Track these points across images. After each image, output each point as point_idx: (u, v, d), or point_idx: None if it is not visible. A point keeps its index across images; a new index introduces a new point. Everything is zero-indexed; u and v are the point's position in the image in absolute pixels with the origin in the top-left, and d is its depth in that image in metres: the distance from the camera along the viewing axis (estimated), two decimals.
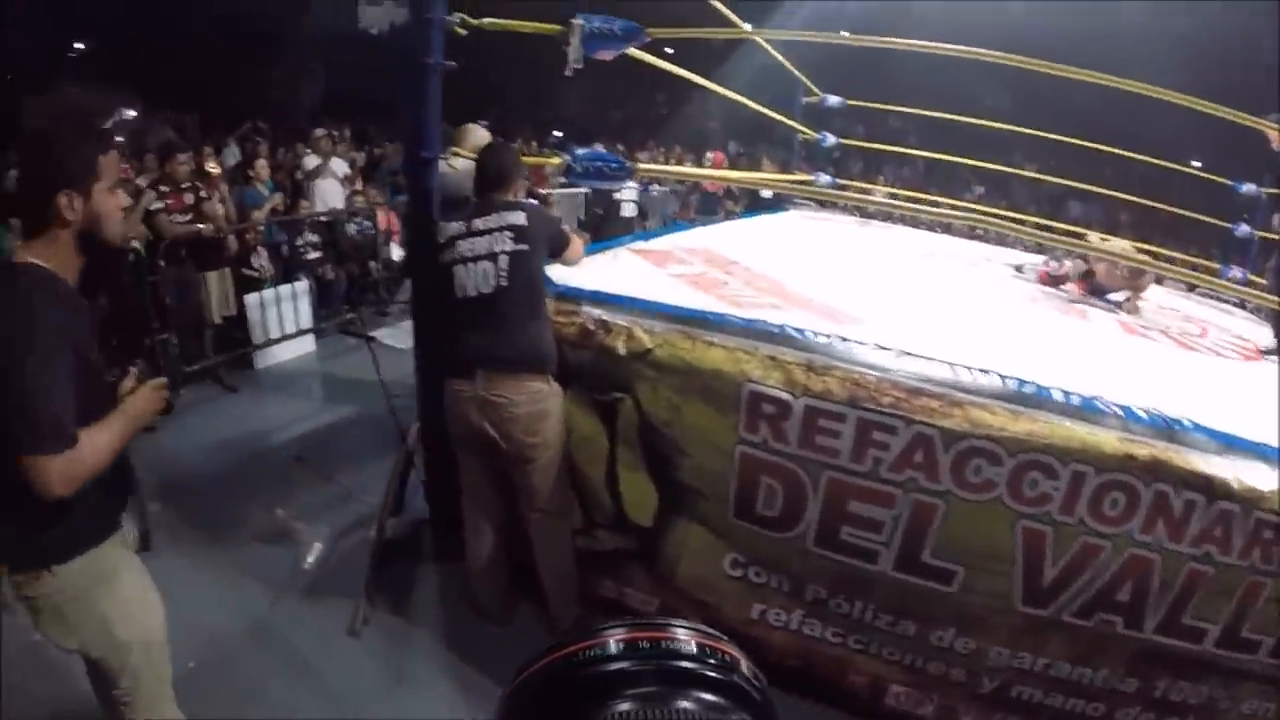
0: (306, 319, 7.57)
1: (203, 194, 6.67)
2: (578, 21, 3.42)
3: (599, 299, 3.42)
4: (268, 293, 7.17)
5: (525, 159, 3.76)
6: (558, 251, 3.46)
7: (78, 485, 1.87)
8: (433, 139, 3.52)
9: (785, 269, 4.46)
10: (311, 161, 8.58)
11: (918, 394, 2.84)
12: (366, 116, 14.33)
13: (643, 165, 5.66)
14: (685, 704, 0.58)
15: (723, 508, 3.16)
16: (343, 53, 18.59)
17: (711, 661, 0.61)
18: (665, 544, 3.38)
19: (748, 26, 5.04)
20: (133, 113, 8.00)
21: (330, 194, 8.53)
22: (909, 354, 2.97)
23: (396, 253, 9.07)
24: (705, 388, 3.05)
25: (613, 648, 0.61)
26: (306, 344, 7.62)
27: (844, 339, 3.06)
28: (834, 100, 7.74)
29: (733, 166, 13.43)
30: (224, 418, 6.13)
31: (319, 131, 9.13)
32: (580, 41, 3.41)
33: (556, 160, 3.83)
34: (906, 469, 2.82)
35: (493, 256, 3.18)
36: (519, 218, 3.22)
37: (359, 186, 9.19)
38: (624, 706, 0.56)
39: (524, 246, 3.19)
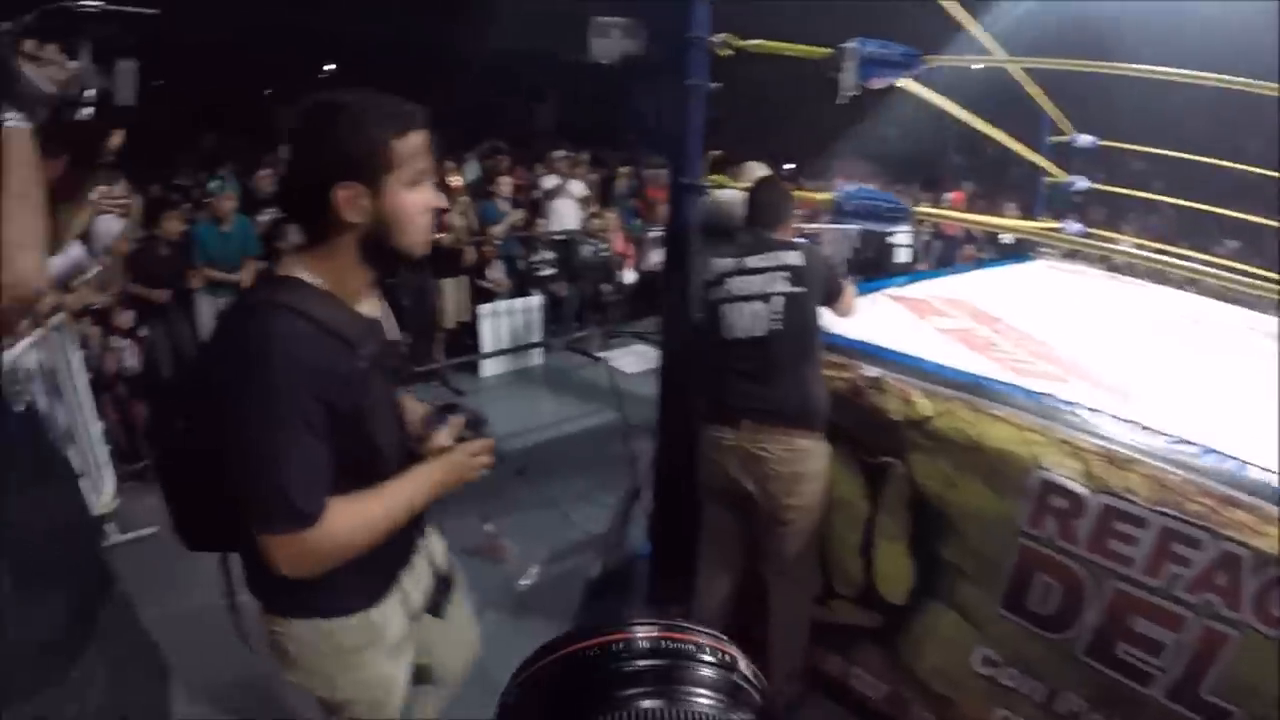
0: (536, 333, 7.68)
1: (445, 205, 6.87)
2: (852, 45, 3.08)
3: (870, 352, 3.17)
4: (500, 304, 7.33)
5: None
6: (832, 298, 3.18)
7: (321, 567, 1.56)
8: (695, 164, 3.33)
9: (1051, 329, 4.01)
10: (550, 181, 8.71)
11: (1230, 504, 2.39)
12: (600, 143, 14.55)
13: (921, 209, 5.24)
14: (685, 704, 0.56)
15: (989, 597, 2.82)
16: (575, 81, 19.06)
17: (711, 661, 0.60)
18: (912, 626, 3.07)
19: (1002, 53, 4.51)
20: None
21: (566, 214, 8.62)
22: (1218, 453, 2.53)
23: (630, 276, 9.07)
24: (988, 467, 2.73)
25: (612, 647, 0.59)
26: (534, 357, 7.74)
27: (1145, 427, 2.65)
28: (1085, 139, 7.04)
29: (970, 208, 12.75)
30: None
31: (558, 153, 9.30)
32: (855, 68, 3.14)
33: (826, 197, 3.58)
34: (1204, 590, 2.39)
35: (765, 297, 2.98)
36: (795, 257, 3.02)
37: (595, 209, 9.24)
38: (623, 707, 0.55)
39: (800, 289, 2.98)
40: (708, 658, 0.60)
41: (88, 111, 1.61)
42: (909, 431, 2.90)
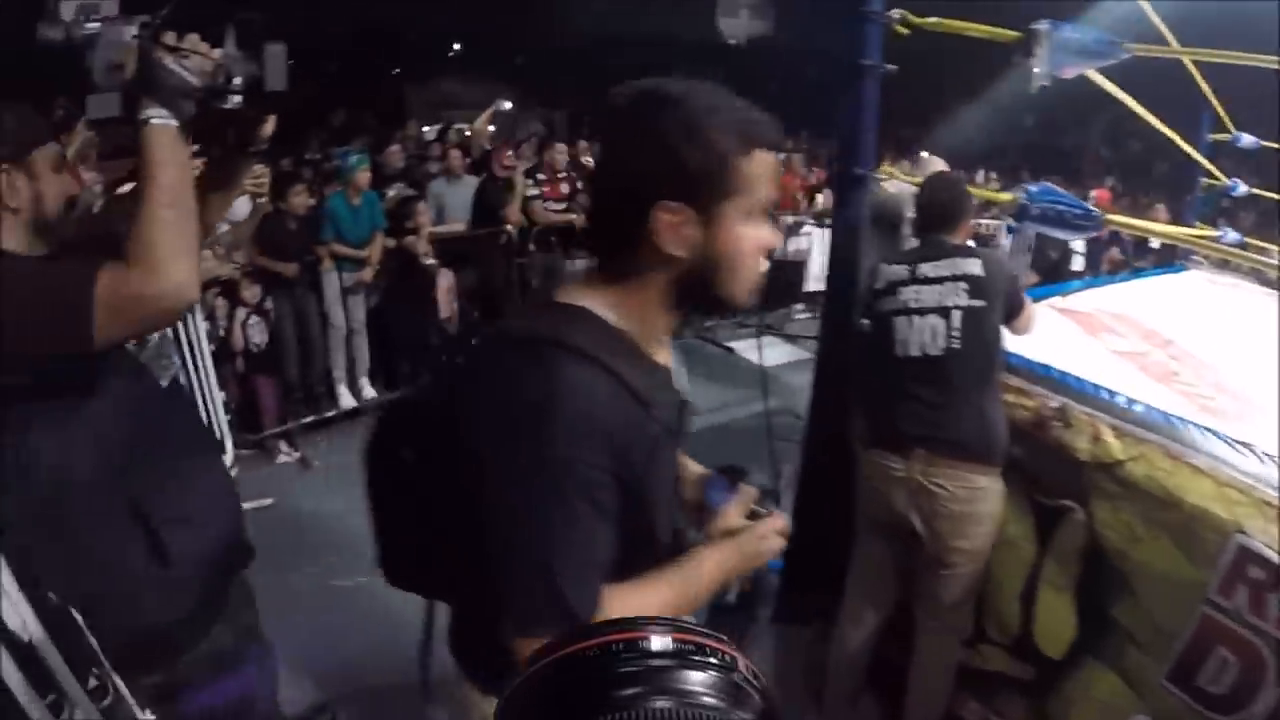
0: None
1: (579, 184, 6.78)
2: (1043, 28, 2.74)
3: (1054, 378, 2.85)
4: None
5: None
6: (1013, 313, 2.84)
7: None
8: (867, 152, 3.07)
9: (1228, 356, 3.57)
10: None
11: None
12: None
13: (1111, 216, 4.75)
14: (685, 704, 0.53)
15: (1155, 665, 2.51)
16: (704, 63, 19.02)
17: (712, 661, 0.57)
18: (1066, 684, 2.77)
19: (1175, 43, 3.97)
20: (509, 104, 8.28)
21: None
22: None
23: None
24: (1181, 525, 2.40)
25: (613, 648, 0.56)
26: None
27: None
28: (1248, 140, 6.35)
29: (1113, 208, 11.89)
30: None
31: None
32: (1048, 54, 2.78)
33: (1007, 197, 3.25)
34: None
35: (943, 311, 2.69)
36: (975, 266, 2.72)
37: None
38: (623, 707, 0.52)
39: (981, 302, 2.69)
40: (708, 658, 0.58)
41: (237, 100, 1.52)
42: (1095, 474, 2.59)
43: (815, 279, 8.90)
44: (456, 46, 19.07)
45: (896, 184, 3.36)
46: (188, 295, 1.41)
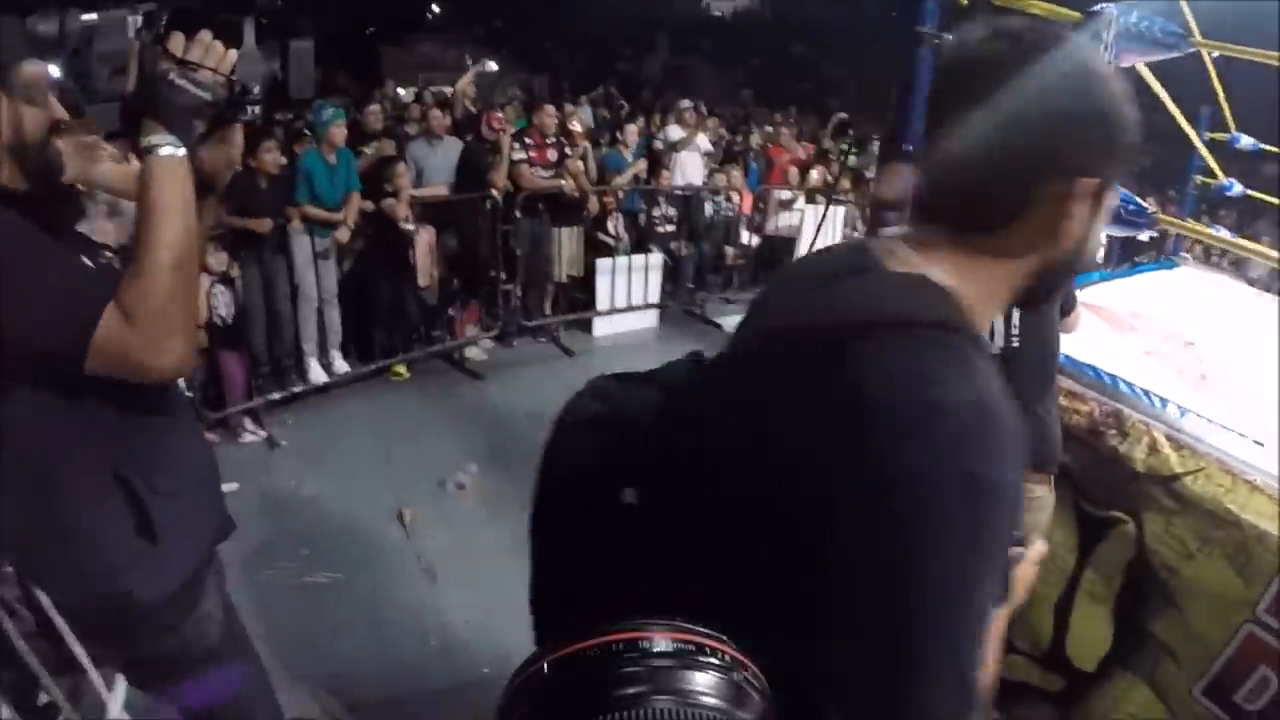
0: (655, 293, 7.28)
1: (567, 150, 6.52)
2: (1110, 11, 2.56)
3: (1104, 382, 2.67)
4: (620, 260, 6.94)
5: None
6: (1066, 309, 2.62)
7: None
8: (916, 130, 2.82)
9: (1246, 359, 3.32)
10: (676, 133, 8.19)
11: None
12: (718, 99, 14.21)
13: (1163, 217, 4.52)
14: (684, 704, 0.55)
15: (1190, 681, 2.39)
16: (691, 35, 19.02)
17: (713, 662, 0.59)
18: (1097, 697, 2.63)
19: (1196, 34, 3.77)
20: (494, 65, 7.98)
21: (691, 169, 8.09)
22: None
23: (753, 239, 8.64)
24: (1237, 544, 2.25)
25: (614, 648, 0.59)
26: (649, 318, 7.34)
27: None
28: (1246, 141, 6.28)
29: None
30: (555, 383, 5.86)
31: (685, 103, 8.80)
32: (1112, 39, 2.57)
33: None
34: None
35: None
36: None
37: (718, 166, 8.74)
38: (625, 706, 0.55)
39: None
40: (709, 659, 0.59)
41: (255, 110, 1.36)
42: (1150, 487, 2.42)
43: None
44: (435, 9, 18.72)
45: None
46: (184, 369, 1.35)
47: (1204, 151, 5.42)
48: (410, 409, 5.42)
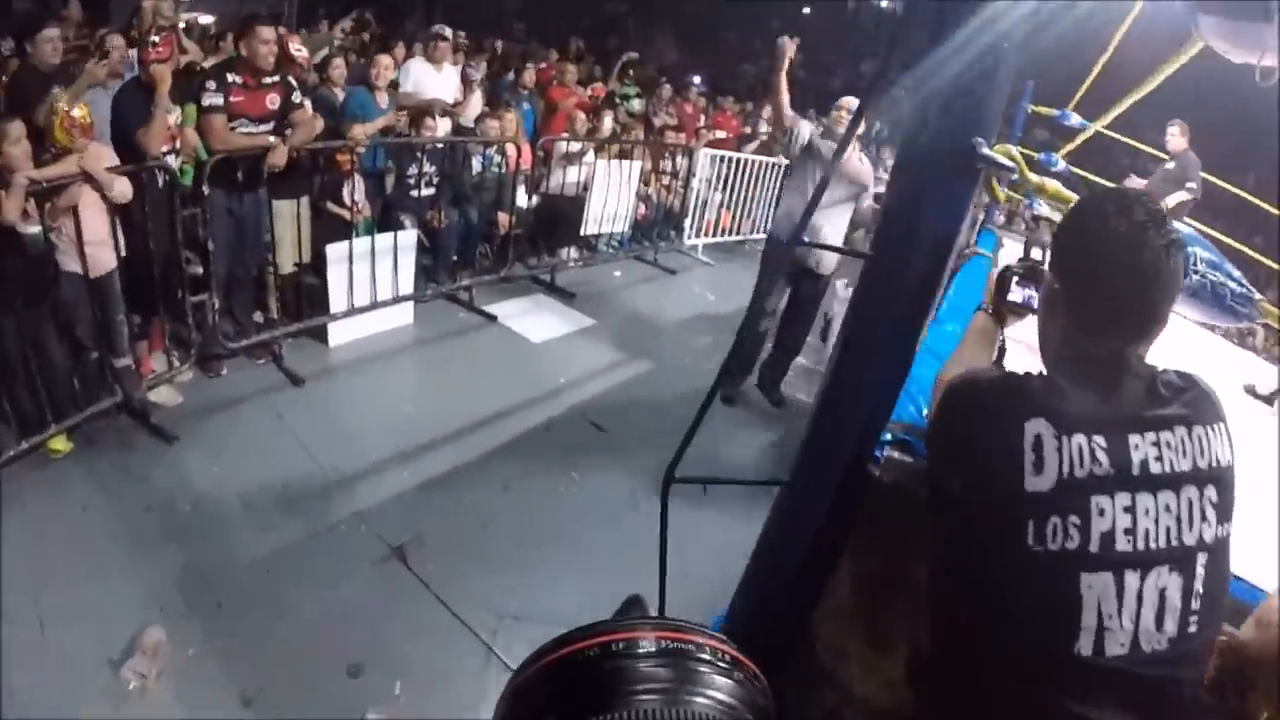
0: (408, 281, 5.49)
1: (295, 96, 4.57)
2: None
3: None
4: (360, 241, 5.07)
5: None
6: None
7: None
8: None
9: None
10: (420, 68, 6.51)
11: None
12: (484, 28, 12.51)
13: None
14: (686, 703, 0.56)
15: None
16: None
17: (714, 661, 0.60)
18: None
19: None
20: None
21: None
22: None
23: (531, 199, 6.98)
24: None
25: (614, 647, 0.59)
26: (402, 314, 5.58)
27: None
28: (1076, 120, 5.87)
29: None
30: (279, 438, 4.12)
31: (439, 28, 6.96)
32: None
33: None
34: None
35: (1181, 558, 1.47)
36: (1219, 435, 1.54)
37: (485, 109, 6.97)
38: (625, 706, 0.55)
39: (1228, 525, 1.58)
40: (707, 657, 0.60)
41: None
42: None
43: (595, 220, 7.22)
44: None
45: None
46: None
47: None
48: (66, 512, 3.39)
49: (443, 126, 6.21)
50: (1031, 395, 1.31)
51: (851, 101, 5.09)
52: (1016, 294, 1.76)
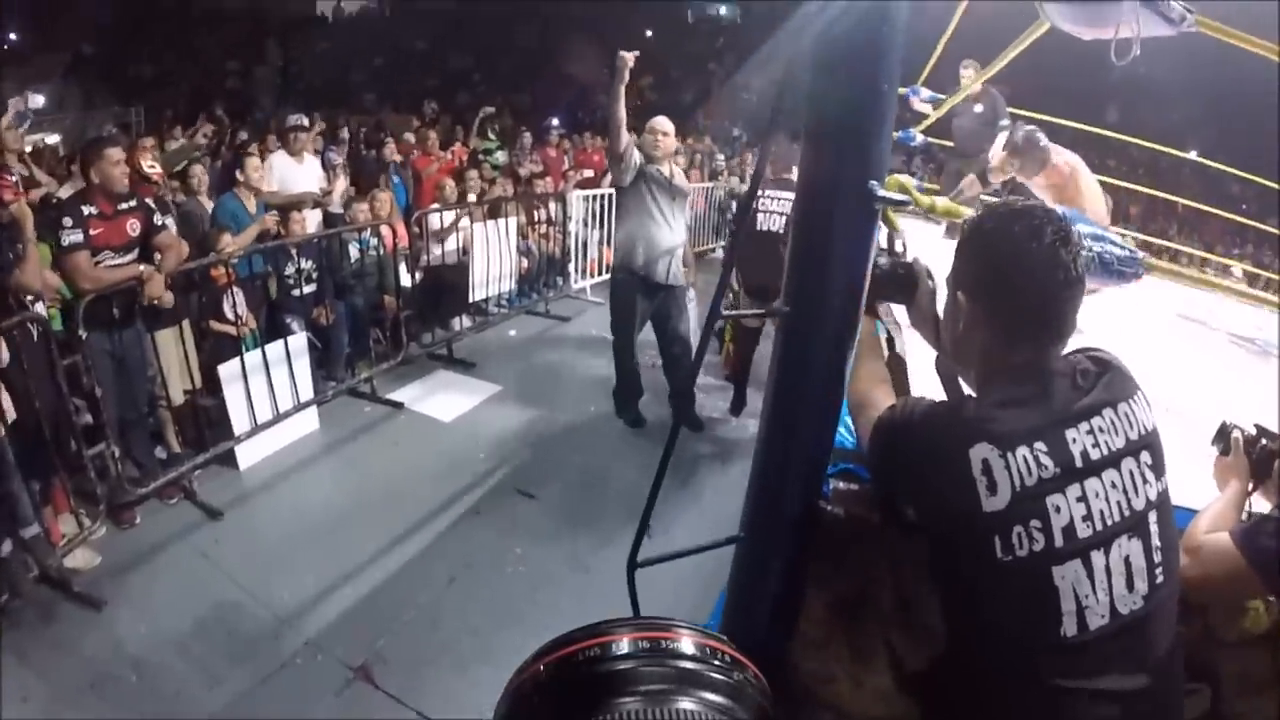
0: (306, 386, 5.34)
1: (156, 218, 4.39)
2: None
3: None
4: (251, 355, 4.90)
5: None
6: None
7: None
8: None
9: None
10: (283, 163, 6.36)
11: None
12: (334, 105, 12.55)
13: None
14: (687, 703, 0.56)
15: None
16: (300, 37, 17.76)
17: (713, 662, 0.60)
18: None
19: None
20: (41, 99, 5.71)
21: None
22: None
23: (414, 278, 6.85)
24: None
25: (614, 648, 0.59)
26: (308, 421, 5.41)
27: None
28: (927, 95, 6.10)
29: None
30: (206, 577, 3.94)
31: (293, 118, 6.79)
32: None
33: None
34: None
35: (1136, 522, 1.65)
36: (1142, 404, 1.68)
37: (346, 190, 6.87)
38: (625, 706, 0.54)
39: (1165, 480, 1.60)
40: (709, 658, 0.60)
41: None
42: None
43: (481, 284, 7.17)
44: (12, 36, 15.69)
45: None
46: None
47: None
48: (8, 709, 3.10)
49: (312, 218, 6.10)
50: (967, 423, 1.37)
51: (663, 122, 5.14)
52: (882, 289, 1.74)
